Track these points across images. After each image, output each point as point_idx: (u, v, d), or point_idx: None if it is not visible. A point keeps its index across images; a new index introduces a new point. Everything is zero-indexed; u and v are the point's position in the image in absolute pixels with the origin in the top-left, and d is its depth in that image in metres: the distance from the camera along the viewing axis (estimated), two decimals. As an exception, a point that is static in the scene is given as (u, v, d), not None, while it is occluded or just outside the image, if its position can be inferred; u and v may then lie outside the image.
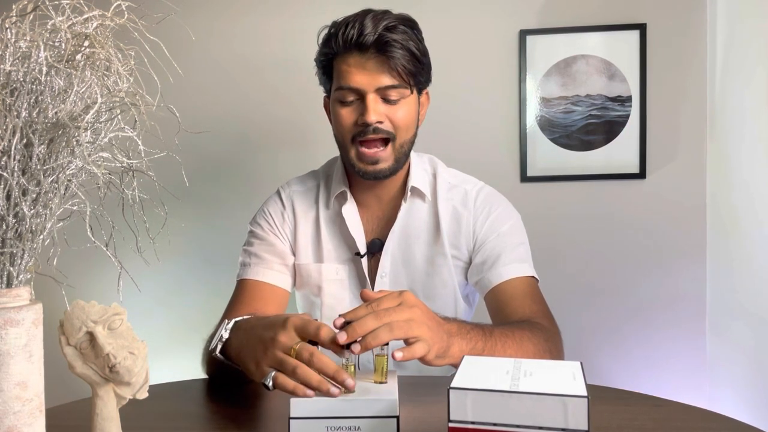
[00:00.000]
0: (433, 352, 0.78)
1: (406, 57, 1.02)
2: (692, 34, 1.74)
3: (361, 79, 1.01)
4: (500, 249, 1.09)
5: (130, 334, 0.63)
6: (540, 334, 0.94)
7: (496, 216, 1.12)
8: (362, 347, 0.72)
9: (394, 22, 1.01)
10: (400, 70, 1.01)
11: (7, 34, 0.54)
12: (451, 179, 1.17)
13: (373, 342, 0.73)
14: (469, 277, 1.13)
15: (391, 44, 1.00)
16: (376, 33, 0.99)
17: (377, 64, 1.01)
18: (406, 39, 1.02)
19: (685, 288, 1.76)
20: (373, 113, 1.02)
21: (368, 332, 0.73)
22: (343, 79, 1.03)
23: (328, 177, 1.19)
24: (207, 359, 1.00)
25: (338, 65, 1.04)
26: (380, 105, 1.03)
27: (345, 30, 1.01)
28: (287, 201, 1.18)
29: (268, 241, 1.15)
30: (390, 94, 1.03)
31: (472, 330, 0.86)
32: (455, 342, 0.82)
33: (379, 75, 1.01)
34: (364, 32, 1.00)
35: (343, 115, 1.05)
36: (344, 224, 1.13)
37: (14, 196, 0.53)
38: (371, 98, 1.02)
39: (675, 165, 1.76)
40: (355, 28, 1.00)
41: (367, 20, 1.00)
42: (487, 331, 0.88)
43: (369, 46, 1.00)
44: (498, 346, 0.87)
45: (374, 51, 1.01)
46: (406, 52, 1.02)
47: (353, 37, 1.00)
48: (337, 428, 0.70)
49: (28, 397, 0.54)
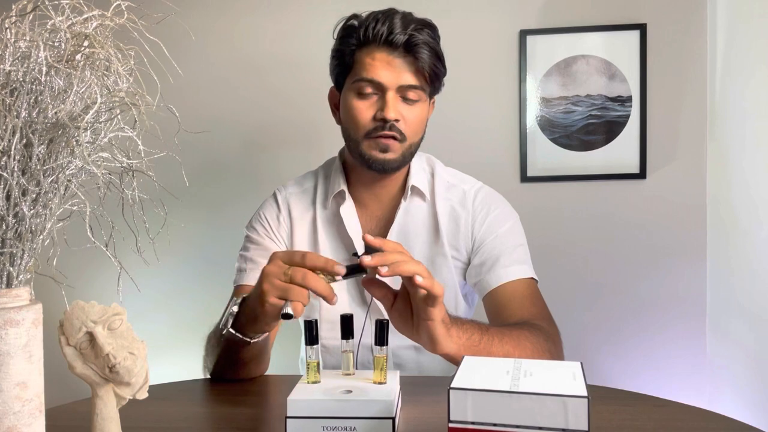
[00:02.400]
0: (443, 311, 0.81)
1: (432, 60, 1.04)
2: (692, 34, 1.74)
3: (385, 75, 1.02)
4: (499, 250, 1.09)
5: (130, 334, 0.63)
6: (539, 334, 0.94)
7: (494, 217, 1.12)
8: (390, 270, 0.76)
9: (420, 26, 1.03)
10: (426, 72, 1.03)
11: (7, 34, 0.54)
12: (450, 178, 1.17)
13: (398, 268, 0.76)
14: (468, 279, 1.13)
15: (421, 46, 1.02)
16: (406, 33, 1.01)
17: (404, 63, 1.03)
18: (434, 44, 1.04)
19: (685, 288, 1.76)
20: (392, 110, 1.02)
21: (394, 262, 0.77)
22: (366, 71, 1.03)
23: (326, 177, 1.18)
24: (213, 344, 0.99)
25: (362, 57, 1.04)
26: (399, 103, 1.04)
27: (375, 25, 1.02)
28: (283, 204, 1.17)
29: (264, 245, 1.14)
30: (410, 94, 1.04)
31: (468, 323, 0.87)
32: (453, 330, 0.83)
33: (403, 73, 1.03)
34: (394, 30, 1.01)
35: (360, 108, 1.05)
36: (342, 224, 1.12)
37: (14, 196, 0.53)
38: (392, 95, 1.03)
39: (675, 165, 1.76)
40: (385, 24, 1.02)
41: (396, 19, 1.02)
42: (484, 327, 0.89)
43: (399, 45, 1.02)
44: (495, 341, 0.87)
45: (403, 50, 1.02)
46: (433, 55, 1.04)
47: (384, 34, 1.02)
48: (333, 428, 0.70)
49: (28, 397, 0.54)
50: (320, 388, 0.75)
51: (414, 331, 0.83)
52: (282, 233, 1.16)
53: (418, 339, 0.83)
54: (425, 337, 0.82)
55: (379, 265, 0.77)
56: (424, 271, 0.77)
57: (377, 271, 0.77)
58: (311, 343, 0.78)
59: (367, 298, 1.10)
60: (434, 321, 0.80)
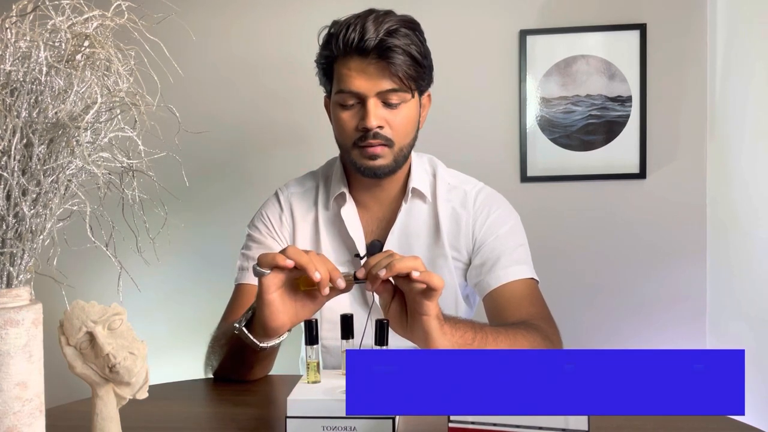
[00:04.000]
0: (438, 308, 0.82)
1: (407, 62, 1.01)
2: (692, 34, 1.74)
3: (361, 84, 1.01)
4: (499, 251, 1.09)
5: (130, 334, 0.63)
6: (535, 334, 0.94)
7: (495, 218, 1.12)
8: (388, 271, 0.77)
9: (395, 25, 1.00)
10: (401, 75, 1.01)
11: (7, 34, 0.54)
12: (451, 180, 1.17)
13: (394, 268, 0.77)
14: (468, 279, 1.13)
15: (393, 50, 0.99)
16: (377, 38, 0.98)
17: (378, 68, 1.00)
18: (408, 43, 1.01)
19: (685, 288, 1.76)
20: (373, 118, 1.01)
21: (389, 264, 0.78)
22: (344, 83, 1.02)
23: (327, 178, 1.18)
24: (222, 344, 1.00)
25: (339, 68, 1.03)
26: (381, 109, 1.03)
27: (346, 33, 1.00)
28: (285, 203, 1.17)
29: (266, 244, 1.14)
30: (390, 98, 1.02)
31: (461, 321, 0.88)
32: (447, 327, 0.84)
33: (379, 80, 1.01)
34: (365, 36, 0.98)
35: (344, 119, 1.04)
36: (343, 226, 1.12)
37: (14, 196, 0.53)
38: (372, 103, 1.01)
39: (675, 165, 1.76)
40: (356, 31, 0.99)
41: (368, 23, 0.99)
42: (478, 326, 0.89)
43: (370, 51, 0.99)
44: (489, 340, 0.88)
45: (375, 56, 0.99)
46: (408, 57, 1.01)
47: (354, 41, 0.99)
48: (333, 428, 0.70)
49: (28, 397, 0.54)
50: (320, 388, 0.75)
51: (408, 330, 0.84)
52: (284, 233, 1.16)
53: (412, 336, 0.84)
54: (419, 333, 0.82)
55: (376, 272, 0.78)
56: (420, 265, 0.78)
57: (376, 277, 0.78)
58: (311, 343, 0.78)
59: (368, 299, 1.10)
60: (429, 316, 0.80)
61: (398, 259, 0.78)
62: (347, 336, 0.80)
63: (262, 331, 0.86)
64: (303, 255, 0.80)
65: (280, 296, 0.83)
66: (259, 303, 0.84)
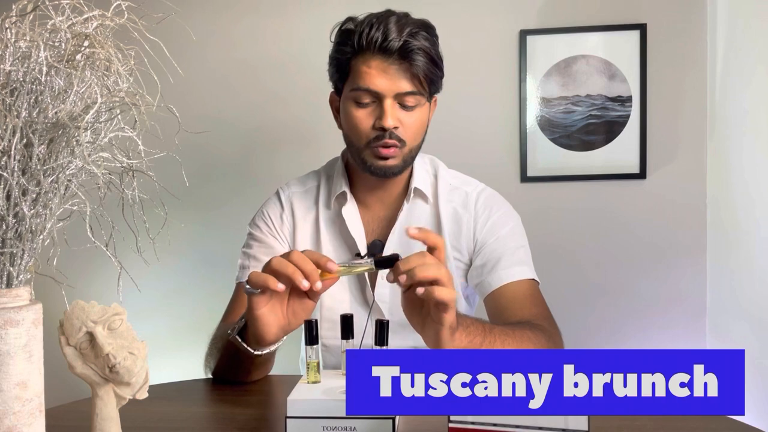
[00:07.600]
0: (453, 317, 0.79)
1: (428, 65, 1.02)
2: (692, 34, 1.74)
3: (381, 83, 1.01)
4: (500, 252, 1.09)
5: (130, 334, 0.63)
6: (540, 334, 0.95)
7: (496, 219, 1.12)
8: (408, 277, 0.75)
9: (417, 29, 1.01)
10: (421, 77, 1.01)
11: (7, 34, 0.54)
12: (453, 181, 1.17)
13: (420, 273, 0.75)
14: (469, 280, 1.13)
15: (416, 51, 1.00)
16: (401, 39, 0.99)
17: (399, 69, 1.01)
18: (429, 46, 1.02)
19: (685, 288, 1.76)
20: (390, 118, 1.01)
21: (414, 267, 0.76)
22: (362, 81, 1.02)
23: (329, 177, 1.18)
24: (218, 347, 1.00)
25: (357, 65, 1.03)
26: (397, 110, 1.03)
27: (369, 31, 1.00)
28: (286, 202, 1.17)
29: (267, 243, 1.14)
30: (407, 101, 1.03)
31: (472, 324, 0.87)
32: (457, 334, 0.83)
33: (400, 80, 1.01)
34: (389, 37, 0.99)
35: (359, 117, 1.04)
36: (344, 225, 1.12)
37: (14, 196, 0.53)
38: (389, 103, 1.02)
39: (675, 165, 1.76)
40: (380, 30, 0.99)
41: (391, 24, 1.00)
42: (488, 327, 0.89)
43: (394, 52, 1.00)
44: (497, 343, 0.88)
45: (398, 56, 1.00)
46: (429, 60, 1.02)
47: (378, 41, 0.99)
48: (333, 428, 0.70)
49: (28, 397, 0.54)
50: (320, 388, 0.75)
51: (421, 325, 0.83)
52: (285, 232, 1.16)
53: (423, 334, 0.83)
54: (431, 334, 0.81)
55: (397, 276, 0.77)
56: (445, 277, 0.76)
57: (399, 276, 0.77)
58: (311, 343, 0.78)
59: (368, 299, 1.10)
60: (443, 326, 0.79)
61: (421, 266, 0.76)
62: (347, 336, 0.80)
63: (254, 342, 0.87)
64: (288, 266, 0.78)
65: (270, 310, 0.82)
66: (249, 317, 0.84)
